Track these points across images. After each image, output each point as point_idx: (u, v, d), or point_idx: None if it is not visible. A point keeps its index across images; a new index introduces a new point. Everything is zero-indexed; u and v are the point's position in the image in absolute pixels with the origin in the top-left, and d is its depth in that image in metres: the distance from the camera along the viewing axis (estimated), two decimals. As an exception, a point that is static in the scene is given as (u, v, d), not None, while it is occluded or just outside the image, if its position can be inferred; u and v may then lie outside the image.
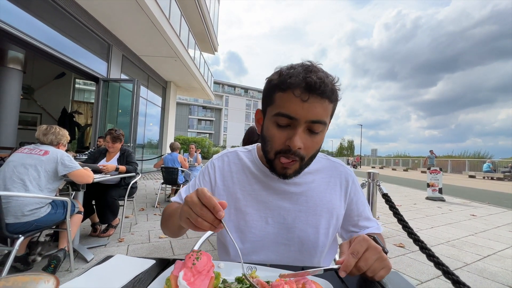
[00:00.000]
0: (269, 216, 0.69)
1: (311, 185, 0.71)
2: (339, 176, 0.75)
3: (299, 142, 0.57)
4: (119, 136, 2.77)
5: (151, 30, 5.82)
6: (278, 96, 0.59)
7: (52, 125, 1.98)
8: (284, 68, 0.60)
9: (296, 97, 0.55)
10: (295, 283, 0.43)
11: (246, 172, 0.73)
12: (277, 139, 0.60)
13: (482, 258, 2.48)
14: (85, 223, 2.79)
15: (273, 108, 0.60)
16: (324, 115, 0.58)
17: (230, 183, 0.73)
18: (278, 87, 0.58)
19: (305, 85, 0.55)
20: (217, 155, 0.80)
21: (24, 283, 0.25)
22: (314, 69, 0.57)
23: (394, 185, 9.36)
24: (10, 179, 1.62)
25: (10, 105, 5.14)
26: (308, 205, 0.69)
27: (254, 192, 0.70)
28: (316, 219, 0.69)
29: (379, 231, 0.74)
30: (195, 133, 47.39)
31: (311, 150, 0.61)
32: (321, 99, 0.56)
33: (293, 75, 0.56)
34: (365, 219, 0.74)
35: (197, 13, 9.92)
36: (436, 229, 3.47)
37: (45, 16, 4.31)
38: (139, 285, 0.46)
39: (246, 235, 0.68)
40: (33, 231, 1.65)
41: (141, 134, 8.49)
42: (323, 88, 0.55)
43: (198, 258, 0.43)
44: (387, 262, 0.49)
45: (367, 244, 0.48)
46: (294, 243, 0.68)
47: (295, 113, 0.56)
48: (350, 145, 58.58)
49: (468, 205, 5.43)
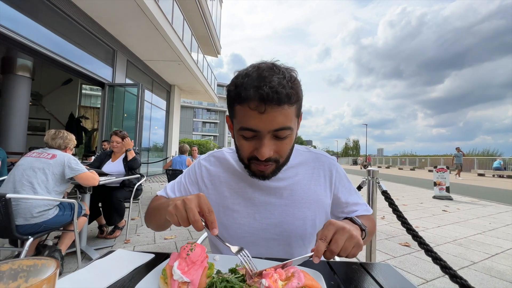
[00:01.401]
0: (256, 212, 0.70)
1: (295, 179, 0.72)
2: (323, 167, 0.76)
3: (267, 152, 0.57)
4: (124, 135, 2.88)
5: (155, 35, 5.92)
6: (237, 109, 0.58)
7: (60, 129, 2.04)
8: (240, 75, 0.59)
9: (253, 110, 0.54)
10: (285, 272, 0.45)
11: (232, 171, 0.75)
12: (245, 149, 0.61)
13: (490, 256, 2.44)
14: (92, 225, 2.85)
15: (236, 122, 0.60)
16: (287, 121, 0.57)
17: (217, 182, 0.75)
18: (236, 100, 0.58)
19: (258, 97, 0.53)
20: (204, 155, 0.82)
21: (28, 266, 0.28)
22: (269, 73, 0.55)
23: (401, 184, 9.25)
24: (20, 182, 1.68)
25: (20, 112, 5.29)
26: (293, 198, 0.71)
27: (240, 190, 0.72)
28: (302, 212, 0.70)
29: (367, 213, 0.77)
30: (199, 135, 47.69)
31: (283, 153, 0.62)
32: (279, 107, 0.54)
33: (247, 87, 0.54)
34: (353, 204, 0.76)
35: (200, 16, 10.04)
36: (442, 228, 3.42)
37: (52, 24, 4.44)
38: (138, 277, 0.49)
39: (235, 231, 0.70)
40: (41, 232, 1.71)
41: (146, 138, 8.61)
42: (278, 96, 0.53)
43: (192, 249, 0.45)
44: (357, 240, 0.50)
45: (334, 227, 0.50)
46: (283, 237, 0.70)
47: (256, 126, 0.56)
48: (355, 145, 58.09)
49: (476, 203, 5.33)
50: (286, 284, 0.42)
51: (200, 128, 51.34)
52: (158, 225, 0.70)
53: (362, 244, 0.51)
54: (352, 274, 0.56)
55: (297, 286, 0.41)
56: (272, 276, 0.42)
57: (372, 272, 0.57)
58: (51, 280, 0.25)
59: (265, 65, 0.57)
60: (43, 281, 0.24)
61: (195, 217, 0.48)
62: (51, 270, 0.27)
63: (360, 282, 0.52)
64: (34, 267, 0.28)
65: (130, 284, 0.46)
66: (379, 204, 2.53)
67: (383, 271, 0.58)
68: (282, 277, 0.44)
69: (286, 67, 0.59)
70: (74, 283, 0.45)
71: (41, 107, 7.95)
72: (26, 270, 0.28)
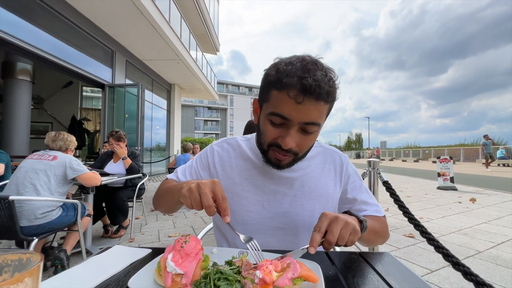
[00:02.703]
0: (265, 200, 0.71)
1: (306, 171, 0.73)
2: (333, 162, 0.76)
3: (291, 143, 0.58)
4: (120, 135, 2.86)
5: (152, 34, 5.90)
6: (273, 94, 0.58)
7: (60, 131, 2.05)
8: (282, 62, 0.58)
9: (291, 98, 0.54)
10: (280, 263, 0.44)
11: (244, 158, 0.76)
12: (270, 134, 0.61)
13: (496, 245, 2.42)
14: (97, 225, 2.88)
15: (268, 106, 0.60)
16: (319, 117, 0.58)
17: (228, 168, 0.75)
18: (274, 85, 0.57)
19: (300, 87, 0.53)
20: (217, 141, 0.83)
21: (13, 261, 0.27)
22: (313, 67, 0.55)
23: (405, 176, 9.20)
24: (22, 184, 1.69)
25: (22, 115, 5.32)
26: (303, 190, 0.71)
27: (251, 177, 0.73)
28: (311, 204, 0.70)
29: (378, 214, 0.73)
30: (201, 134, 47.80)
31: (304, 147, 0.62)
32: (316, 102, 0.55)
33: (289, 74, 0.55)
34: (362, 203, 0.74)
35: (197, 14, 9.97)
36: (447, 218, 3.40)
37: (50, 27, 4.44)
38: (133, 272, 0.49)
39: (243, 218, 0.71)
40: (46, 233, 1.72)
41: (148, 138, 8.64)
42: (319, 91, 0.53)
43: (186, 242, 0.45)
44: (352, 226, 0.50)
45: (328, 219, 0.50)
46: (290, 227, 0.70)
47: (289, 115, 0.56)
48: (358, 138, 57.78)
49: (481, 193, 5.29)
50: (281, 275, 0.41)
51: (202, 127, 51.44)
52: (169, 206, 0.71)
53: (358, 230, 0.51)
54: (350, 264, 0.55)
55: (292, 277, 0.40)
56: (266, 268, 0.42)
57: (371, 261, 0.56)
58: (33, 273, 0.24)
59: (309, 59, 0.58)
60: (24, 274, 0.24)
61: (208, 202, 0.49)
62: (36, 263, 0.27)
63: (358, 271, 0.52)
64: (19, 261, 0.28)
65: (126, 279, 0.46)
66: (382, 196, 2.52)
67: (382, 260, 0.57)
68: (277, 269, 0.43)
69: (328, 66, 0.59)
70: (69, 279, 0.45)
71: (43, 111, 7.99)
72: (10, 265, 0.27)
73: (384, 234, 0.71)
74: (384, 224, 0.72)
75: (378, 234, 0.67)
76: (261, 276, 0.40)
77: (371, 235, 0.63)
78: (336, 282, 0.47)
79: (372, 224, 0.64)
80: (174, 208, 0.71)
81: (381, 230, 0.69)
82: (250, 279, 0.41)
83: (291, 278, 0.39)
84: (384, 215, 0.74)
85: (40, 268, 0.26)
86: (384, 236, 0.71)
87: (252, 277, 0.41)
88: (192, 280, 0.42)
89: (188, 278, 0.41)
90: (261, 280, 0.39)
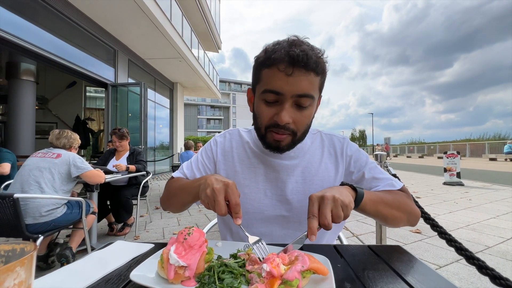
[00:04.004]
0: (267, 188, 0.71)
1: (306, 157, 0.72)
2: (333, 145, 0.75)
3: (287, 117, 0.57)
4: (123, 133, 2.84)
5: (154, 32, 5.89)
6: (264, 73, 0.59)
7: (64, 129, 2.06)
8: (270, 44, 0.61)
9: (281, 72, 0.56)
10: (288, 256, 0.42)
11: (245, 147, 0.76)
12: (265, 115, 0.61)
13: (505, 240, 2.37)
14: (103, 223, 2.89)
15: (260, 86, 0.61)
16: (311, 89, 0.58)
17: (230, 157, 0.76)
18: (264, 64, 0.59)
19: (288, 59, 0.55)
20: (220, 133, 0.84)
21: (6, 251, 0.26)
22: (299, 42, 0.57)
23: (410, 172, 9.10)
24: (27, 182, 1.70)
25: (27, 116, 5.37)
26: (304, 176, 0.70)
27: (252, 166, 0.73)
28: (313, 189, 0.68)
29: (392, 188, 0.67)
30: (204, 132, 47.92)
31: (301, 125, 0.61)
32: (306, 72, 0.55)
33: (277, 50, 0.56)
34: (371, 180, 0.69)
35: (198, 12, 9.93)
36: (454, 213, 3.35)
37: (52, 27, 4.45)
38: (135, 266, 0.47)
39: (245, 207, 0.69)
40: (51, 230, 1.73)
41: (152, 137, 8.66)
42: (306, 60, 0.54)
43: (189, 234, 0.43)
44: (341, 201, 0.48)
45: (316, 200, 0.49)
46: (293, 215, 0.69)
47: (281, 88, 0.56)
48: (361, 135, 57.34)
49: (489, 188, 5.20)
50: (289, 268, 0.39)
51: (205, 125, 51.54)
52: (182, 205, 0.71)
53: (349, 202, 0.49)
54: (360, 257, 0.53)
55: (301, 269, 0.38)
56: (274, 261, 0.40)
57: (381, 255, 0.54)
58: (25, 263, 0.23)
59: (295, 37, 0.60)
60: (15, 263, 0.22)
61: (221, 212, 0.50)
62: (29, 253, 0.25)
63: (369, 264, 0.50)
64: (12, 251, 0.26)
65: (127, 273, 0.44)
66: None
67: (394, 253, 0.55)
68: (285, 262, 0.41)
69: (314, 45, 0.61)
70: (70, 273, 0.44)
71: (48, 111, 8.06)
72: (4, 255, 0.26)
73: (402, 207, 0.62)
74: (399, 195, 0.64)
75: (391, 206, 0.60)
76: (268, 269, 0.38)
77: (379, 206, 0.58)
78: (346, 275, 0.45)
79: (379, 194, 0.60)
80: (186, 206, 0.71)
81: (395, 202, 0.62)
82: (257, 273, 0.39)
83: (300, 270, 0.37)
84: (402, 187, 0.68)
85: (33, 258, 0.24)
86: (403, 209, 0.62)
87: (259, 271, 0.39)
88: (196, 273, 0.41)
89: (191, 270, 0.39)
90: (268, 274, 0.38)
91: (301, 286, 0.37)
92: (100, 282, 0.43)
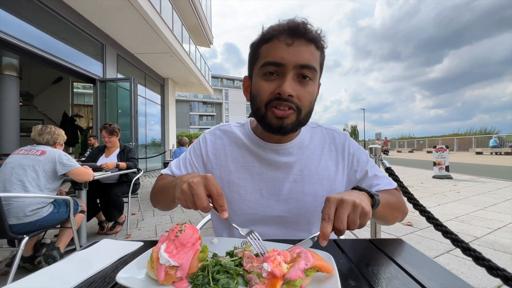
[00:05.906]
0: (263, 188, 0.66)
1: (305, 153, 0.68)
2: (334, 141, 0.71)
3: (289, 88, 0.54)
4: (114, 129, 2.74)
5: (144, 26, 5.71)
6: (263, 49, 0.58)
7: (47, 125, 1.96)
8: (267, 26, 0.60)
9: (281, 42, 0.54)
10: (289, 253, 0.39)
11: (238, 144, 0.71)
12: (265, 90, 0.57)
13: (493, 231, 2.44)
14: (93, 222, 2.81)
15: (259, 62, 0.58)
16: (312, 60, 0.56)
17: (222, 156, 0.71)
18: (262, 41, 0.58)
19: (288, 29, 0.54)
20: (209, 129, 0.78)
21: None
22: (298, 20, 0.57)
23: (401, 166, 9.27)
24: (9, 181, 1.61)
25: (10, 112, 5.15)
26: (303, 174, 0.66)
27: (247, 164, 0.68)
28: (313, 188, 0.65)
29: (390, 187, 0.68)
30: (197, 129, 47.43)
31: (304, 100, 0.57)
32: (307, 42, 0.55)
33: (275, 27, 0.57)
34: (373, 178, 0.68)
35: (189, 6, 9.71)
36: (444, 206, 3.42)
37: (36, 20, 4.25)
38: (122, 266, 0.43)
39: (240, 208, 0.66)
40: (37, 230, 1.65)
41: (143, 134, 8.49)
42: (307, 31, 0.54)
43: (181, 231, 0.39)
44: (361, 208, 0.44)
45: (334, 203, 0.45)
46: (292, 214, 0.65)
47: (281, 59, 0.54)
48: (353, 130, 58.07)
49: (476, 181, 5.35)
50: (292, 266, 0.36)
51: (197, 122, 51.03)
52: (165, 204, 0.67)
53: (368, 210, 0.45)
54: (361, 251, 0.51)
55: (305, 268, 0.35)
56: (275, 259, 0.37)
57: (383, 248, 0.52)
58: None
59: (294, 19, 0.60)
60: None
61: (202, 204, 0.46)
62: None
63: (371, 259, 0.48)
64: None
65: (113, 275, 0.41)
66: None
67: (395, 246, 0.53)
68: (286, 259, 0.38)
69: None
70: (48, 277, 0.40)
71: (33, 108, 7.75)
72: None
73: (401, 208, 0.64)
74: (398, 196, 0.66)
75: (394, 208, 0.61)
76: (269, 269, 0.34)
77: (386, 210, 0.57)
78: (350, 271, 0.43)
79: (386, 198, 0.58)
80: (171, 206, 0.67)
81: (396, 203, 0.63)
82: (256, 273, 0.36)
83: (303, 269, 0.34)
84: (396, 187, 0.69)
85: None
86: (401, 209, 0.64)
87: (258, 271, 0.36)
88: (188, 273, 0.37)
89: (183, 271, 0.36)
90: (269, 274, 0.34)
91: (305, 285, 0.35)
92: (82, 285, 0.39)
